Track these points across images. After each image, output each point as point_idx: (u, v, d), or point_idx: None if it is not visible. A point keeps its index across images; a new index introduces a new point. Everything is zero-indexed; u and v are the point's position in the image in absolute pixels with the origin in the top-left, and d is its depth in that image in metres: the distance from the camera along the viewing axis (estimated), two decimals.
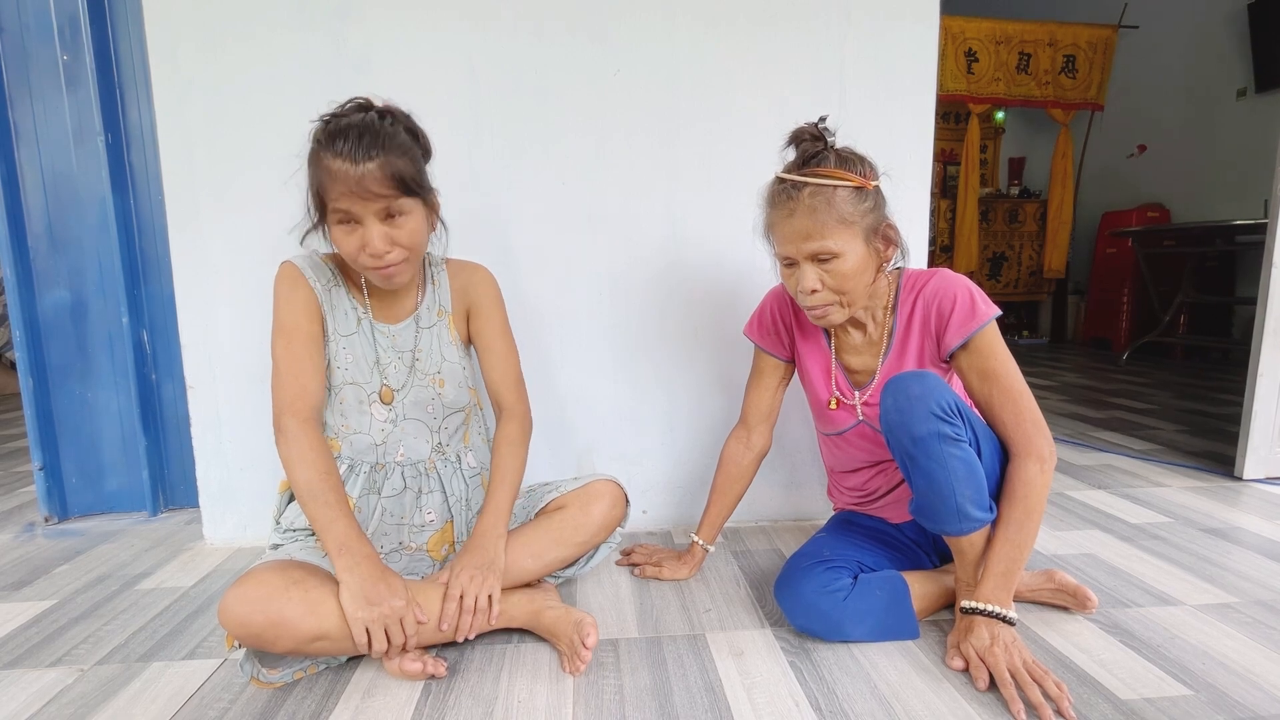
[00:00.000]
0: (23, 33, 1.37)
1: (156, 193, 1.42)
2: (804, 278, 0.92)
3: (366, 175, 0.84)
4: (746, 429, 1.18)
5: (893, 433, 0.88)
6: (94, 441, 1.50)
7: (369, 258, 0.89)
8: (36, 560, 1.30)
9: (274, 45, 1.23)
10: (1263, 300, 1.59)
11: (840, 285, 0.92)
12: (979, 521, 0.88)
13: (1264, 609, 1.03)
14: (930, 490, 0.87)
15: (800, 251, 0.91)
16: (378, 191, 0.85)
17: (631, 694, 0.84)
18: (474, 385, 1.10)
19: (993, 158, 5.14)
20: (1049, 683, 0.80)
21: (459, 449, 1.09)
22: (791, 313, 1.10)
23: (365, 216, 0.87)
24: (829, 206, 0.89)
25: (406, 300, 1.04)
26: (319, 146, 0.86)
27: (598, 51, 1.29)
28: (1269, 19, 3.49)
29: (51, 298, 1.45)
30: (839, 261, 0.90)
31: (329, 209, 0.87)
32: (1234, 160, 3.73)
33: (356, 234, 0.88)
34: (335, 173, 0.84)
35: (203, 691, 0.86)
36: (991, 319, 0.92)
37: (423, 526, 1.04)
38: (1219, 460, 1.83)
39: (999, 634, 0.86)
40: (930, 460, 0.85)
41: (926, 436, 0.84)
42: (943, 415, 0.84)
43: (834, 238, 0.89)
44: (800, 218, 0.89)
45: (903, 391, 0.86)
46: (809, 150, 0.93)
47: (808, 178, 0.90)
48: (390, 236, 0.88)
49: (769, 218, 0.95)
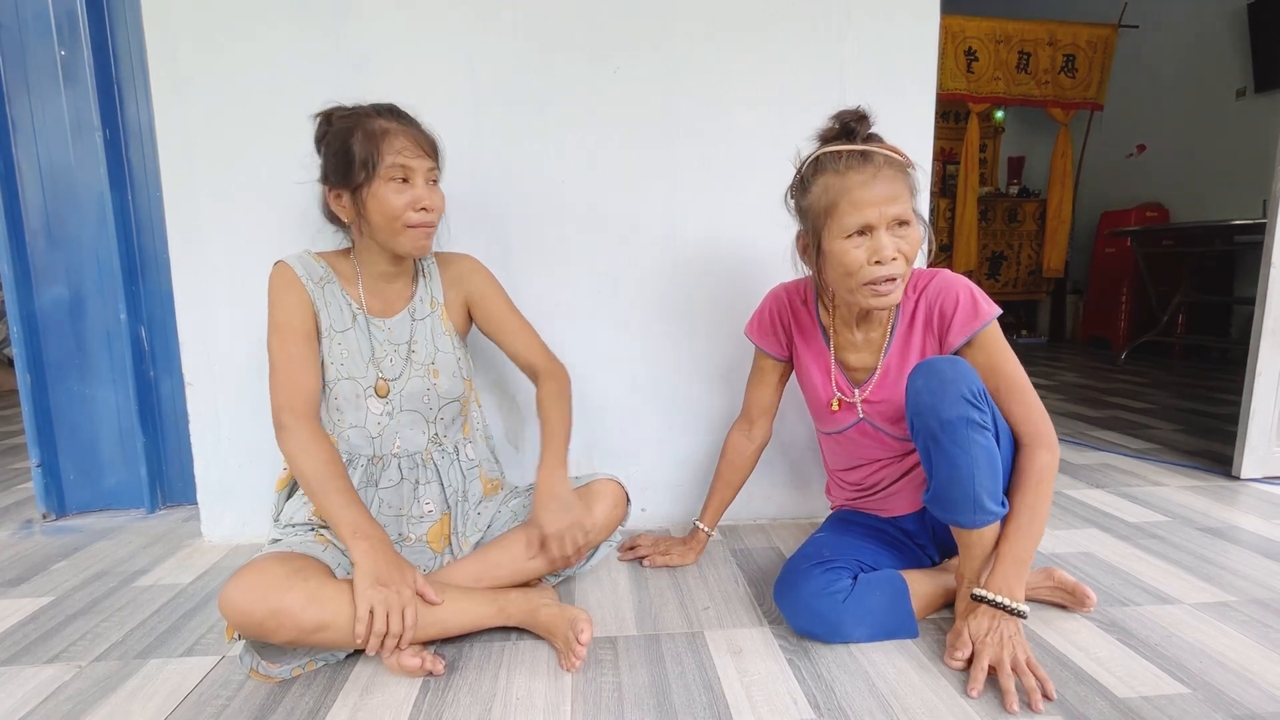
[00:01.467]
0: (20, 28, 1.37)
1: (155, 189, 1.41)
2: (885, 245, 0.88)
3: (422, 137, 0.96)
4: (748, 421, 1.21)
5: (920, 415, 0.87)
6: (92, 438, 1.50)
7: (418, 213, 0.95)
8: (34, 557, 1.29)
9: (273, 43, 1.23)
10: (1261, 300, 1.59)
11: (911, 255, 0.91)
12: (992, 515, 0.88)
13: (1261, 608, 1.04)
14: (951, 477, 0.87)
15: (884, 216, 0.88)
16: (429, 152, 0.96)
17: (630, 691, 0.85)
18: (469, 375, 1.11)
19: (992, 157, 5.14)
20: (1029, 680, 0.81)
21: (457, 440, 1.09)
22: (790, 314, 1.11)
23: (417, 173, 0.95)
24: (904, 175, 0.90)
25: (400, 294, 1.06)
26: (364, 115, 0.94)
27: (597, 50, 1.28)
28: (1268, 19, 3.49)
29: (49, 294, 1.44)
30: (911, 230, 0.90)
31: (384, 165, 0.92)
32: (1233, 160, 3.74)
33: (408, 192, 0.94)
34: (395, 131, 0.93)
35: (201, 688, 0.86)
36: (993, 318, 0.93)
37: (421, 518, 1.04)
38: (1217, 459, 1.83)
39: (999, 625, 0.86)
40: (955, 445, 0.85)
41: (956, 420, 0.84)
42: (973, 400, 0.85)
43: (910, 205, 0.90)
44: (883, 182, 0.88)
45: (935, 374, 0.87)
46: (864, 128, 0.92)
47: (879, 148, 0.90)
48: (432, 198, 0.96)
49: (838, 186, 0.89)
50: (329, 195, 0.98)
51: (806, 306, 1.09)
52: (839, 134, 0.93)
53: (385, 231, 0.95)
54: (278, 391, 0.95)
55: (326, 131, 0.96)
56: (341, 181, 0.95)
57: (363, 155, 0.92)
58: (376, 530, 0.90)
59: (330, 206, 0.99)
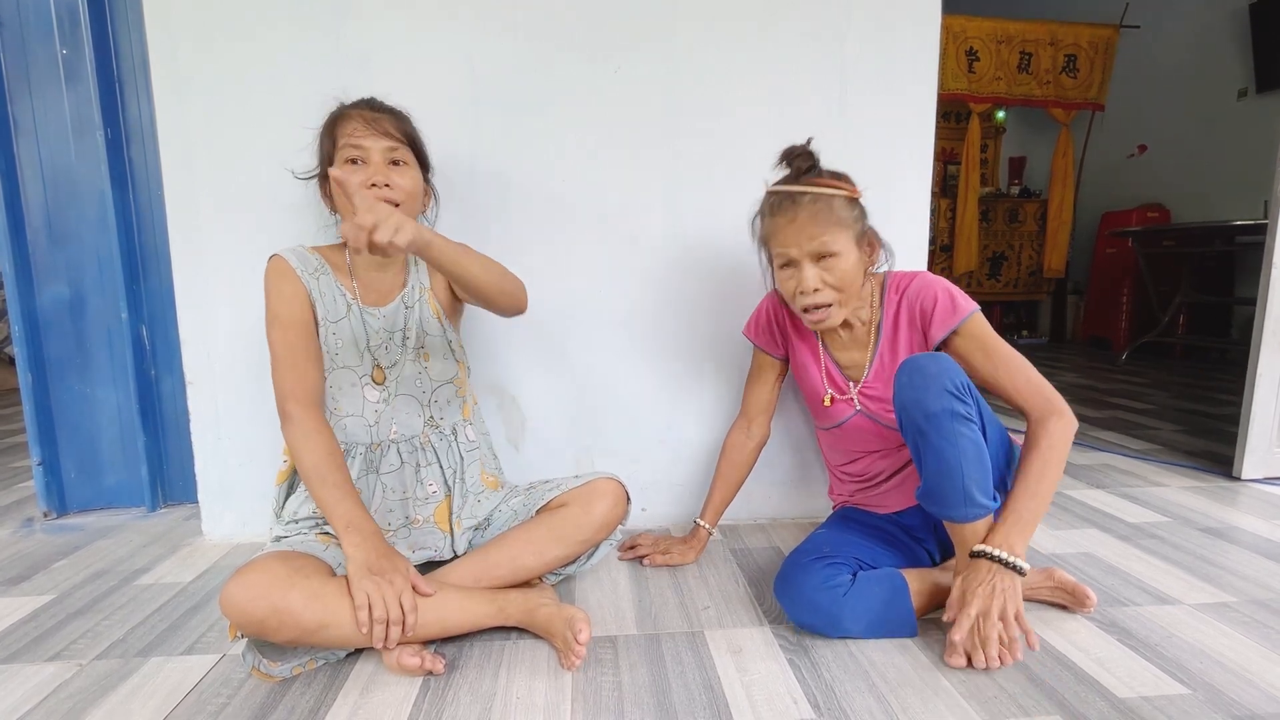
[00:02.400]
0: (22, 27, 1.37)
1: (156, 188, 1.41)
2: (806, 277, 0.97)
3: (381, 118, 0.97)
4: (747, 420, 1.25)
5: (906, 410, 0.90)
6: (93, 437, 1.50)
7: (371, 189, 0.94)
8: (35, 555, 1.29)
9: (273, 43, 1.23)
10: (1262, 301, 1.59)
11: (839, 283, 0.98)
12: (983, 509, 0.89)
13: (1261, 608, 1.04)
14: (940, 470, 0.88)
15: (803, 251, 0.97)
16: (387, 131, 0.96)
17: (630, 691, 0.85)
18: (461, 358, 1.13)
19: (993, 157, 5.14)
20: (1012, 630, 0.84)
21: (455, 422, 1.11)
22: (786, 314, 1.16)
23: (371, 152, 0.96)
24: (829, 210, 0.96)
25: (393, 283, 1.08)
26: (339, 109, 0.99)
27: (598, 49, 1.28)
28: (1270, 19, 3.49)
29: (50, 293, 1.44)
30: (838, 260, 0.97)
31: (338, 148, 0.96)
32: (1234, 161, 3.73)
33: (361, 171, 0.95)
34: (352, 115, 0.96)
35: (201, 686, 0.86)
36: (972, 312, 0.98)
37: (426, 499, 1.06)
38: (1217, 460, 1.83)
39: (994, 578, 0.86)
40: (942, 438, 0.87)
41: (940, 413, 0.86)
42: (956, 393, 0.87)
43: (834, 238, 0.96)
44: (804, 223, 0.96)
45: (918, 370, 0.89)
46: (802, 165, 1.00)
47: (807, 187, 0.98)
48: (390, 176, 0.96)
49: (770, 225, 1.01)
50: (319, 188, 1.06)
51: None
52: (783, 169, 1.02)
53: (347, 213, 0.96)
54: (281, 381, 0.96)
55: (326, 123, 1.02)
56: (321, 172, 1.02)
57: (325, 144, 0.99)
58: (369, 524, 0.91)
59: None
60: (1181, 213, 4.04)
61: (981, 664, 0.86)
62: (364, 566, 0.85)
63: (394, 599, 0.84)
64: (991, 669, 0.86)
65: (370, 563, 0.86)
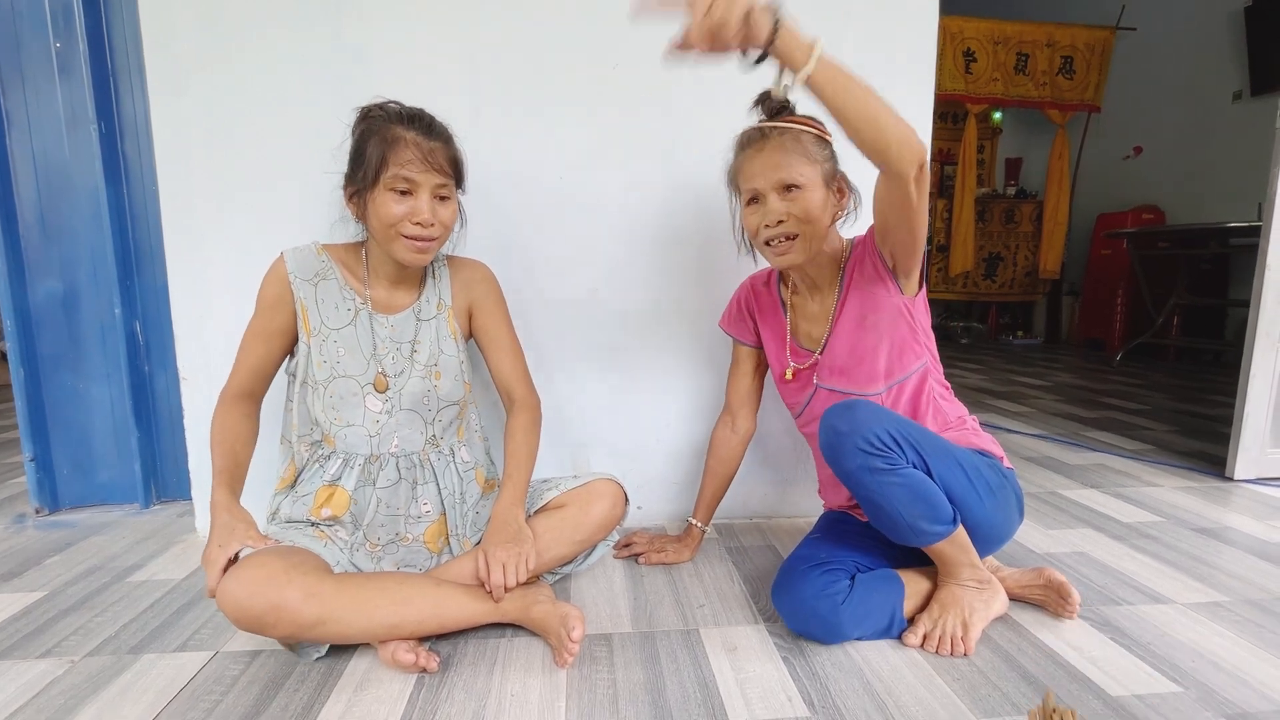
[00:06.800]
0: (15, 19, 1.36)
1: (150, 183, 1.41)
2: (770, 208, 0.97)
3: (436, 150, 0.94)
4: (731, 414, 1.25)
5: (831, 465, 0.92)
6: (85, 433, 1.49)
7: (414, 226, 0.94)
8: (27, 551, 1.29)
9: (270, 38, 1.22)
10: (1255, 303, 1.60)
11: (804, 215, 0.96)
12: (936, 535, 0.91)
13: (1253, 607, 1.04)
14: (877, 516, 0.92)
15: (769, 181, 0.96)
16: (440, 166, 0.94)
17: (625, 688, 0.85)
18: (469, 380, 1.10)
19: (990, 158, 5.16)
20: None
21: (453, 443, 1.09)
22: (753, 297, 1.17)
23: (422, 188, 0.93)
24: (796, 143, 0.96)
25: (407, 292, 1.05)
26: (389, 119, 0.94)
27: (597, 47, 1.28)
28: (1265, 22, 3.51)
29: (43, 288, 1.43)
30: (803, 193, 0.96)
31: (386, 174, 0.92)
32: (1229, 163, 3.75)
33: (407, 202, 0.93)
34: (407, 141, 0.92)
35: (194, 684, 0.86)
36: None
37: (419, 518, 1.04)
38: (1210, 461, 1.84)
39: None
40: (867, 490, 0.89)
41: (856, 470, 0.88)
42: (870, 449, 0.87)
43: (800, 170, 0.95)
44: (770, 152, 0.96)
45: (830, 428, 0.90)
46: (774, 105, 1.00)
47: (777, 123, 0.98)
48: (436, 212, 0.95)
49: (738, 161, 1.01)
50: (344, 189, 0.99)
51: (769, 287, 1.16)
52: (758, 112, 1.02)
53: (381, 236, 0.96)
54: (230, 374, 1.01)
55: (358, 128, 0.97)
56: (351, 179, 0.97)
57: (371, 159, 0.92)
58: (232, 505, 0.91)
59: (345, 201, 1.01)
60: (1176, 215, 4.06)
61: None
62: (214, 541, 0.84)
63: (229, 545, 0.83)
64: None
65: (218, 535, 0.85)
